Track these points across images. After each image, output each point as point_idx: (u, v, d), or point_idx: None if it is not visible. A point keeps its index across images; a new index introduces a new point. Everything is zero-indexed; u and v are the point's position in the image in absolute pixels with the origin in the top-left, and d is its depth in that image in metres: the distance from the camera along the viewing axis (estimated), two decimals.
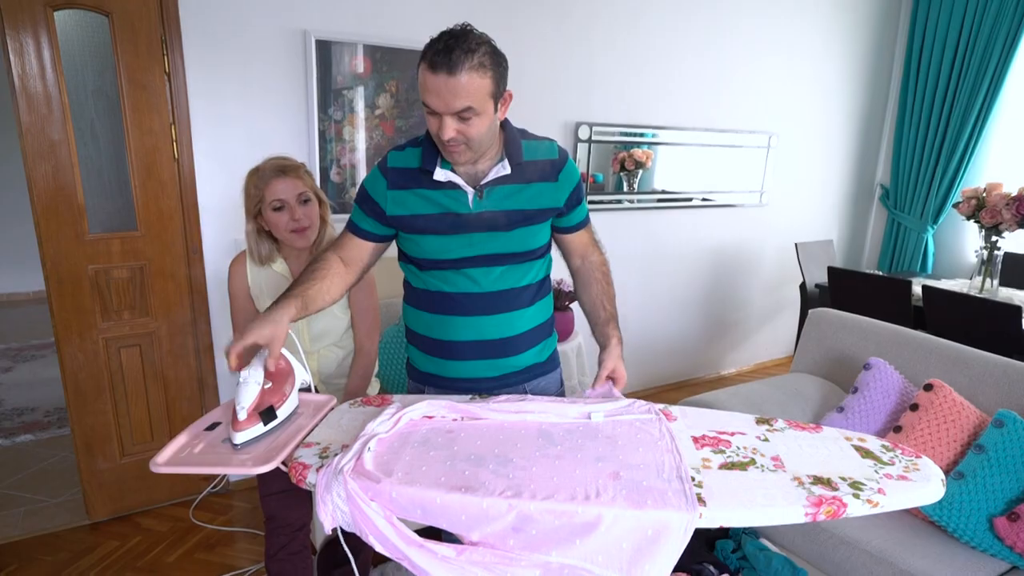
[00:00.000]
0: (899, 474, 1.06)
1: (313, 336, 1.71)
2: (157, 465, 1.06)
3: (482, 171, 1.32)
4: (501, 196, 1.33)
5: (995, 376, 1.89)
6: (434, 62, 1.14)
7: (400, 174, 1.34)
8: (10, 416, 3.29)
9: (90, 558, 2.19)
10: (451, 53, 1.12)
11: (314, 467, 1.05)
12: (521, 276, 1.40)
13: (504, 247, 1.35)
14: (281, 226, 1.57)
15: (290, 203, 1.57)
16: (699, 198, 3.70)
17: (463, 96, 1.15)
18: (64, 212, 2.13)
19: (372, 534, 0.98)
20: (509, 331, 1.41)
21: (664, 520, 0.93)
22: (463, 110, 1.17)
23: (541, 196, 1.36)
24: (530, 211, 1.35)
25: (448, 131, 1.19)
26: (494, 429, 1.18)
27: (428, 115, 1.21)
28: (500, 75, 1.21)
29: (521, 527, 0.96)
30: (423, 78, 1.17)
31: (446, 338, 1.41)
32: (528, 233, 1.37)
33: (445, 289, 1.38)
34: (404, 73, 2.62)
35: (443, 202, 1.32)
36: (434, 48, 1.14)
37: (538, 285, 1.45)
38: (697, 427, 1.22)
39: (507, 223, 1.34)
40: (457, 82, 1.14)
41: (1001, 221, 2.87)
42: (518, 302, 1.40)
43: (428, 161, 1.31)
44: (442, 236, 1.33)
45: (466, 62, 1.13)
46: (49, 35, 2.00)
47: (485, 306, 1.38)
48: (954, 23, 3.90)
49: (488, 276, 1.36)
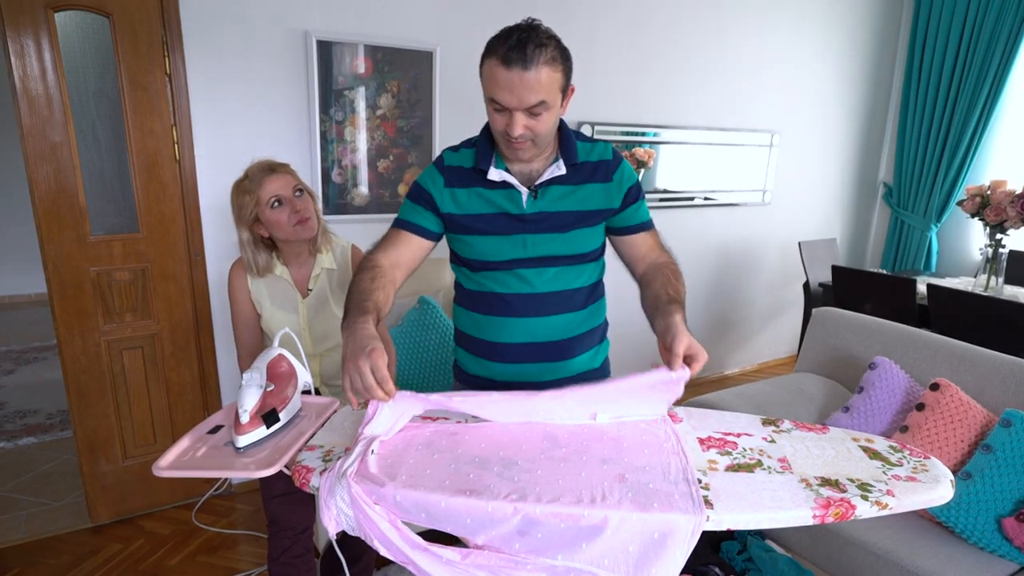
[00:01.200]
0: (908, 475, 1.05)
1: (316, 339, 1.70)
2: (160, 469, 1.05)
3: (536, 171, 1.31)
4: (556, 196, 1.31)
5: (1002, 375, 1.88)
6: (508, 57, 1.12)
7: (456, 173, 1.33)
8: (12, 419, 3.29)
9: (93, 561, 2.18)
10: (525, 48, 1.11)
11: (317, 471, 1.04)
12: (574, 278, 1.38)
13: (558, 249, 1.33)
14: (283, 221, 1.55)
15: (288, 197, 1.55)
16: (702, 197, 3.69)
17: (537, 91, 1.14)
18: (66, 214, 2.12)
19: (377, 538, 0.97)
20: (562, 334, 1.38)
21: (671, 523, 0.92)
22: (535, 105, 1.15)
23: (595, 197, 1.34)
24: (585, 212, 1.33)
25: (518, 127, 1.17)
26: (499, 431, 1.17)
27: (494, 112, 1.20)
28: (569, 68, 1.20)
29: (527, 530, 0.95)
30: (493, 74, 1.15)
31: (498, 340, 1.38)
32: (582, 235, 1.35)
33: (497, 290, 1.36)
34: (406, 73, 2.62)
35: (497, 202, 1.30)
36: (506, 44, 1.12)
37: (591, 288, 1.42)
38: (703, 428, 1.21)
39: (562, 224, 1.32)
40: (532, 76, 1.12)
41: (1006, 219, 2.86)
42: (571, 304, 1.38)
43: (482, 160, 1.29)
44: (495, 236, 1.32)
45: (540, 56, 1.12)
46: (50, 36, 1.99)
47: (538, 307, 1.35)
48: (957, 20, 3.89)
49: (541, 277, 1.34)
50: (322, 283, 1.69)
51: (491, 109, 1.20)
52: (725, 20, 3.48)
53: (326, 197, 2.57)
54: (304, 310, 1.68)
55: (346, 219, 2.64)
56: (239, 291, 1.67)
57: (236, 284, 1.67)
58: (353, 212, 2.65)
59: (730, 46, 3.55)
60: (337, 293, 1.70)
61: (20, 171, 2.39)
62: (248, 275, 1.66)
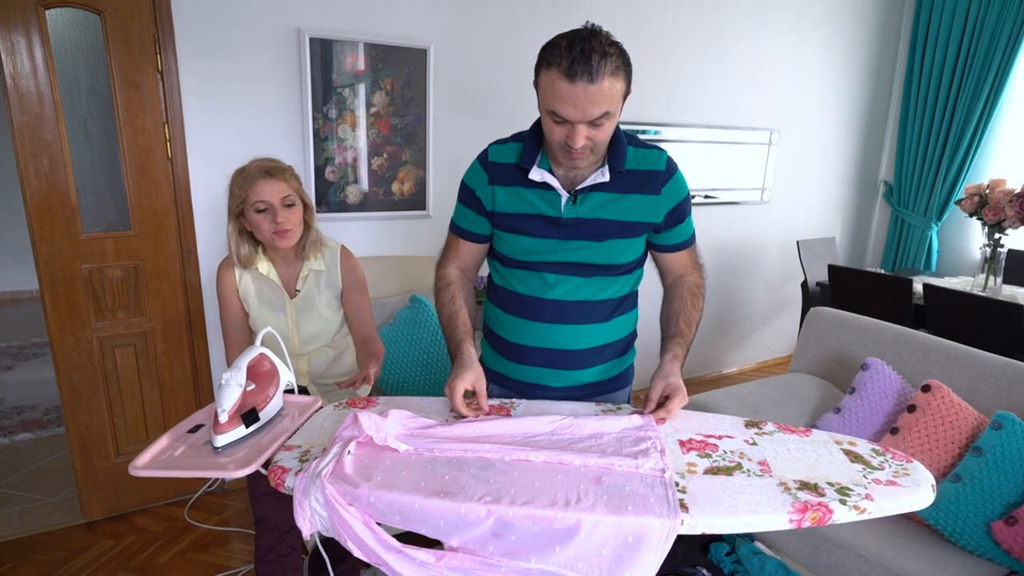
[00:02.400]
0: (888, 479, 1.04)
1: (303, 339, 1.70)
2: (136, 468, 1.05)
3: (580, 175, 1.26)
4: (596, 204, 1.26)
5: (995, 376, 1.86)
6: (573, 71, 1.06)
7: (500, 169, 1.30)
8: (9, 414, 3.30)
9: (84, 557, 2.19)
10: (590, 60, 1.06)
11: (293, 471, 1.04)
12: (601, 289, 1.33)
13: (590, 257, 1.29)
14: (263, 228, 1.55)
15: (274, 205, 1.53)
16: (701, 195, 3.67)
17: (602, 103, 1.09)
18: (57, 212, 2.12)
19: (350, 539, 0.97)
20: (576, 344, 1.34)
21: (645, 526, 0.91)
22: (599, 116, 1.11)
23: (638, 208, 1.28)
24: (625, 223, 1.28)
25: (580, 139, 1.13)
26: (479, 433, 1.17)
27: (553, 124, 1.14)
28: (630, 74, 1.14)
29: (501, 533, 0.94)
30: (555, 88, 1.09)
31: (514, 340, 1.37)
32: (619, 246, 1.29)
33: (520, 290, 1.34)
34: (399, 71, 2.61)
35: (536, 203, 1.27)
36: (569, 55, 1.06)
37: (619, 301, 1.36)
38: (684, 430, 1.20)
39: (598, 233, 1.27)
40: (598, 89, 1.07)
41: (1004, 218, 2.83)
42: (592, 316, 1.33)
43: (527, 159, 1.26)
44: (530, 238, 1.29)
45: (606, 67, 1.07)
46: (41, 34, 1.99)
47: (554, 315, 1.32)
48: (958, 18, 3.85)
49: (565, 284, 1.31)
50: (310, 284, 1.68)
51: (549, 120, 1.15)
52: (725, 18, 3.46)
53: (320, 195, 2.57)
54: (292, 310, 1.67)
55: (340, 217, 2.63)
56: (227, 288, 1.67)
57: (224, 282, 1.67)
58: (347, 210, 2.64)
59: (730, 44, 3.53)
60: (325, 294, 1.70)
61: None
62: (235, 271, 1.65)
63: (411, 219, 2.82)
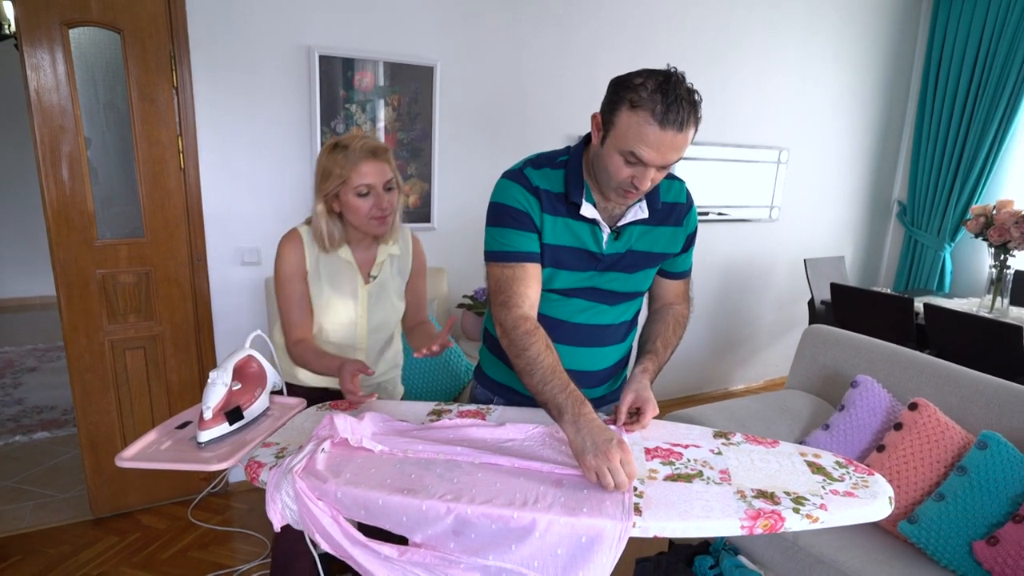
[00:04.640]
0: (846, 490, 1.06)
1: (371, 328, 1.63)
2: (123, 459, 1.11)
3: (619, 211, 1.27)
4: (633, 237, 1.29)
5: (986, 396, 1.86)
6: (667, 118, 1.05)
7: (548, 197, 1.24)
8: (30, 414, 3.42)
9: (89, 552, 2.26)
10: (681, 108, 1.05)
11: (268, 466, 1.09)
12: (622, 313, 1.36)
13: (622, 287, 1.32)
14: (363, 212, 1.45)
15: (377, 190, 1.45)
16: (714, 212, 3.69)
17: (682, 150, 1.10)
18: (75, 219, 2.22)
19: (318, 532, 1.02)
20: (597, 365, 1.37)
21: (598, 528, 0.95)
22: (674, 162, 1.11)
23: (665, 239, 1.32)
24: (653, 254, 1.32)
25: (648, 182, 1.13)
26: (452, 437, 1.21)
27: (624, 164, 1.12)
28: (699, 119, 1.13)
29: (461, 530, 0.98)
30: (642, 131, 1.07)
31: None
32: (645, 275, 1.34)
33: (545, 312, 1.31)
34: (406, 87, 2.69)
35: (583, 237, 1.26)
36: (663, 102, 1.05)
37: (628, 324, 1.40)
38: (652, 439, 1.23)
39: (631, 264, 1.30)
40: (684, 137, 1.08)
41: (1009, 239, 2.81)
42: (613, 338, 1.37)
43: (575, 192, 1.23)
44: (567, 271, 1.28)
45: (693, 116, 1.08)
46: (64, 51, 2.10)
47: (580, 338, 1.33)
48: (972, 39, 3.84)
49: (586, 311, 1.32)
50: (386, 270, 1.61)
51: (620, 160, 1.12)
52: (734, 36, 3.49)
53: None
54: (364, 296, 1.59)
55: None
56: (292, 266, 1.51)
57: (291, 259, 1.51)
58: None
59: (739, 62, 3.56)
60: (397, 280, 1.64)
61: None
62: (306, 251, 1.52)
63: (416, 231, 2.87)
